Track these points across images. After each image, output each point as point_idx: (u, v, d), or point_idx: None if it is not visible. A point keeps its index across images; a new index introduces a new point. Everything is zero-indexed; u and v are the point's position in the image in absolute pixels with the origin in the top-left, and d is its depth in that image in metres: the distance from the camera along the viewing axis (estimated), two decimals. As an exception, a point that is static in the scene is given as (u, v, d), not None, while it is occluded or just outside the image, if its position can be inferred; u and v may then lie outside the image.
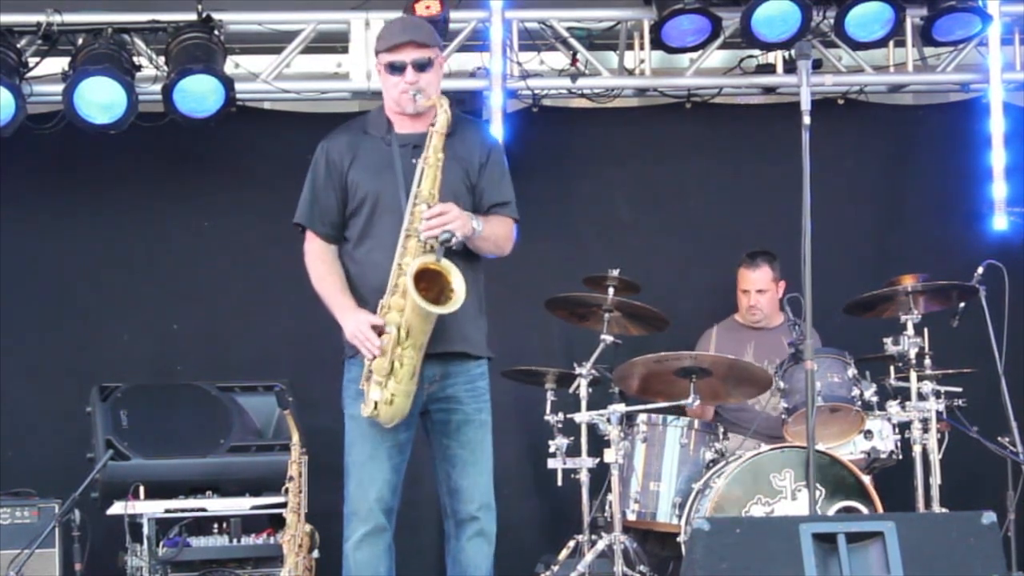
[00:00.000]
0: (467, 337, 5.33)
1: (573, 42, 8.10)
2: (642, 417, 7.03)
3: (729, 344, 7.62)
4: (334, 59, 8.25)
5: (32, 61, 7.71)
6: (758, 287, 7.71)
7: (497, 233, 5.34)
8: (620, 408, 6.88)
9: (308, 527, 6.41)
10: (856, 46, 8.00)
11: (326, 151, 5.38)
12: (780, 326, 7.68)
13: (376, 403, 5.19)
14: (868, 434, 7.04)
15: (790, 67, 8.11)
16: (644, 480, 6.98)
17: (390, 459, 5.30)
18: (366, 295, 5.29)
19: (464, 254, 5.29)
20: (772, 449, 6.73)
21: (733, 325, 7.84)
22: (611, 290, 7.11)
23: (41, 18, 7.60)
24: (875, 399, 7.01)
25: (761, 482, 6.65)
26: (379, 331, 5.16)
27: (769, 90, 8.38)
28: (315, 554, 6.43)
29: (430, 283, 5.15)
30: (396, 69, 5.26)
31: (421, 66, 5.26)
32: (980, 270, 7.08)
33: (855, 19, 7.80)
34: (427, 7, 7.57)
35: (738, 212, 8.44)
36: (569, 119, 8.50)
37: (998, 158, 8.15)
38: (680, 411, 7.13)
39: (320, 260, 5.39)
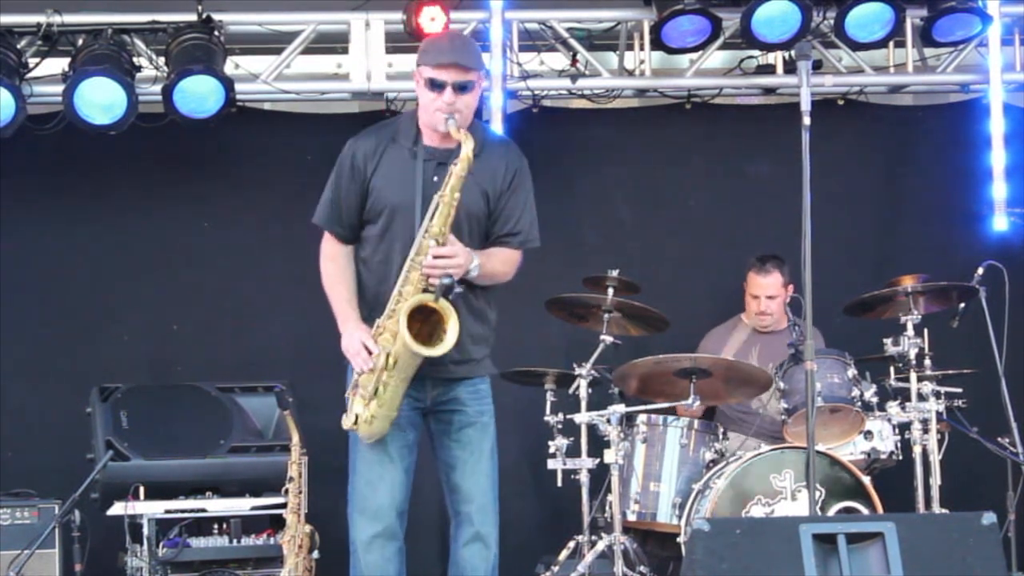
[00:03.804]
0: (471, 364, 5.34)
1: (573, 43, 8.10)
2: (642, 418, 7.03)
3: (735, 345, 7.63)
4: (334, 60, 8.25)
5: (32, 62, 7.72)
6: (768, 293, 7.66)
7: (495, 271, 5.34)
8: (620, 409, 6.87)
9: (308, 528, 6.41)
10: (856, 47, 8.00)
11: (352, 153, 5.34)
12: (787, 328, 7.68)
13: (357, 417, 5.22)
14: (868, 435, 7.04)
15: (790, 68, 8.11)
16: (644, 481, 6.98)
17: (401, 460, 5.31)
18: (374, 302, 5.31)
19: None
20: (772, 450, 6.74)
21: (739, 326, 7.83)
22: (611, 291, 7.10)
23: (41, 19, 7.60)
24: (875, 400, 7.01)
25: (761, 483, 6.65)
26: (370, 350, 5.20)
27: (769, 91, 8.38)
28: (315, 555, 6.44)
29: (426, 318, 5.17)
30: (436, 86, 5.19)
31: (462, 87, 5.20)
32: (980, 271, 7.08)
33: (855, 20, 7.80)
34: (432, 19, 7.57)
35: (738, 213, 8.45)
36: (569, 120, 8.50)
37: (998, 159, 8.15)
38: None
39: (333, 262, 5.40)
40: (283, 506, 6.47)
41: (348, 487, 5.37)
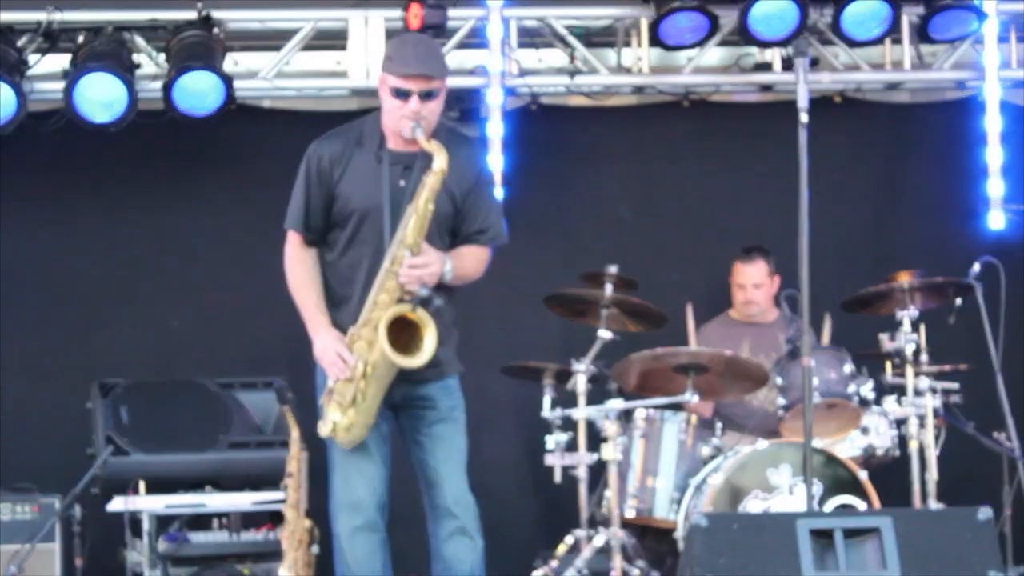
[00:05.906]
0: (439, 363, 5.33)
1: (571, 40, 8.12)
2: (640, 413, 7.05)
3: (724, 340, 7.64)
4: (333, 56, 8.25)
5: (32, 59, 7.72)
6: (754, 281, 7.73)
7: (467, 271, 5.36)
8: (618, 404, 6.90)
9: (307, 522, 6.42)
10: (853, 44, 8.02)
11: (318, 159, 5.35)
12: (775, 321, 7.71)
13: (335, 424, 5.26)
14: (865, 430, 7.06)
15: (787, 65, 8.12)
16: (642, 476, 7.00)
17: (378, 451, 5.33)
18: (340, 303, 5.36)
19: None
20: (769, 445, 6.76)
21: (728, 321, 7.86)
22: (609, 286, 7.11)
23: (41, 16, 7.61)
24: (872, 395, 7.03)
25: (758, 478, 6.67)
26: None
27: (766, 88, 8.40)
28: (315, 549, 6.45)
29: (403, 328, 5.19)
30: (401, 95, 5.20)
31: (427, 95, 5.21)
32: (976, 267, 7.09)
33: (852, 17, 7.82)
34: (415, 16, 7.58)
35: (736, 209, 8.46)
36: (567, 117, 8.52)
37: (994, 155, 8.17)
38: (678, 406, 7.16)
39: (301, 265, 5.44)
40: (283, 501, 6.49)
41: (329, 483, 5.41)
